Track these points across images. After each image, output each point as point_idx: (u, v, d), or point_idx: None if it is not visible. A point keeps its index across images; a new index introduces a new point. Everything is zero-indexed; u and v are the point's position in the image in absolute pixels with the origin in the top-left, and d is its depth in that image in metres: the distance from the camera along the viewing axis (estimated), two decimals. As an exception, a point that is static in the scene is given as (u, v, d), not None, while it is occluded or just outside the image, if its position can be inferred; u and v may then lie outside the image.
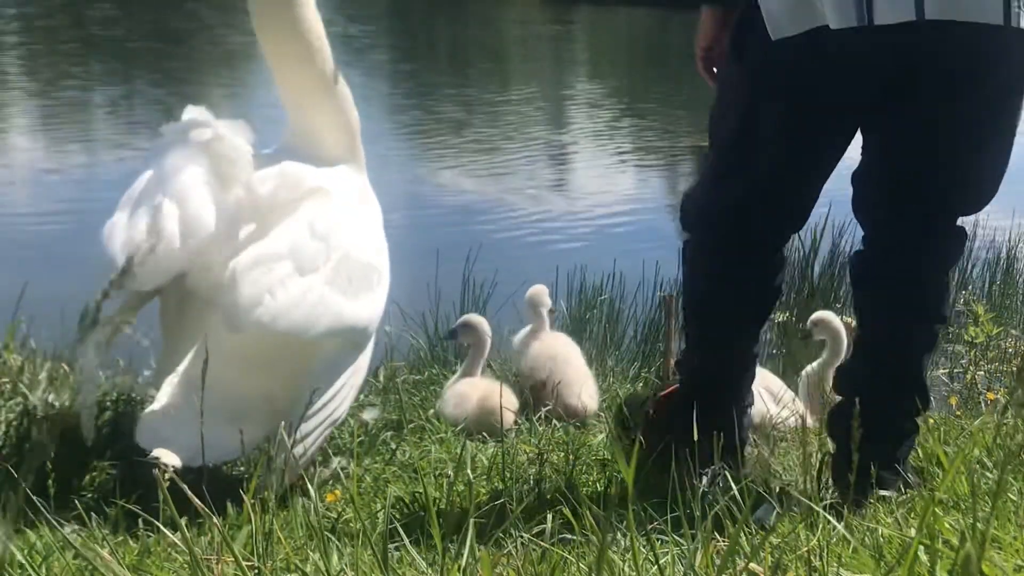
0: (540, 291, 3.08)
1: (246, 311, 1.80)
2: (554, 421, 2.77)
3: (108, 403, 2.11)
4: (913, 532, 1.37)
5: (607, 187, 8.30)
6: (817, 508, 1.42)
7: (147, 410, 1.92)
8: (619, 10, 25.55)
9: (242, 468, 2.13)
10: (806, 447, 2.07)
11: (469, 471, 2.14)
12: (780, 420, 2.71)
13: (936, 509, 1.21)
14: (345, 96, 2.21)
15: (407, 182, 7.68)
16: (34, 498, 1.54)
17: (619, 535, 1.50)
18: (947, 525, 1.41)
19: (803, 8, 1.98)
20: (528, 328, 3.06)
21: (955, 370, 3.82)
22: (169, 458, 1.76)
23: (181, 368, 1.96)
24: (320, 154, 2.14)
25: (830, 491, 2.05)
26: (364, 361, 2.10)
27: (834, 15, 1.94)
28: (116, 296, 1.85)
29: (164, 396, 1.93)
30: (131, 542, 1.59)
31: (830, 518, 1.42)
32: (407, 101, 11.76)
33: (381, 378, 3.02)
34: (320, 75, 2.14)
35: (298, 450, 1.85)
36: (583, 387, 2.90)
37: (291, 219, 1.93)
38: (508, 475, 2.10)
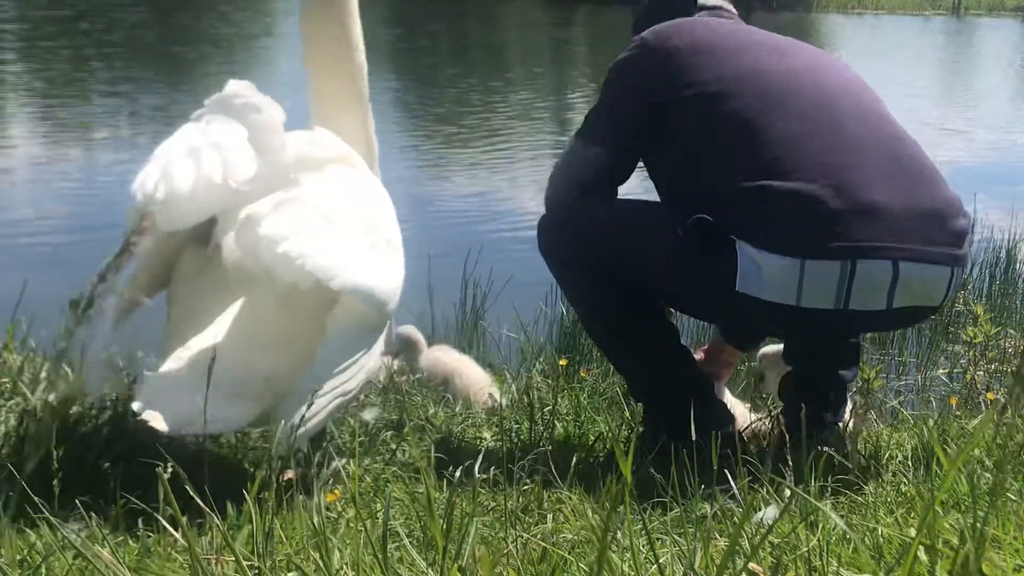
0: (413, 332, 3.29)
1: (272, 244, 1.75)
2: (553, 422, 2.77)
3: (108, 402, 2.11)
4: (913, 532, 1.37)
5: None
6: (811, 500, 1.42)
7: (149, 376, 1.89)
8: (619, 10, 25.55)
9: (244, 467, 2.13)
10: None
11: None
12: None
13: (936, 509, 1.21)
14: (370, 114, 2.24)
15: (406, 182, 7.67)
16: (35, 498, 1.55)
17: (619, 534, 1.51)
18: (947, 525, 1.41)
19: (775, 282, 2.12)
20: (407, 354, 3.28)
21: (955, 370, 3.82)
22: (157, 422, 1.74)
23: (192, 340, 1.93)
24: None
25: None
26: (379, 346, 2.04)
27: (811, 297, 2.12)
28: (127, 267, 1.86)
29: (168, 365, 1.90)
30: (131, 542, 1.59)
31: (831, 513, 1.42)
32: (406, 101, 11.76)
33: (381, 378, 3.02)
34: (356, 88, 2.18)
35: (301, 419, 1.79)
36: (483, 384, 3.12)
37: (317, 176, 1.93)
38: (508, 474, 2.10)
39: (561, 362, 3.30)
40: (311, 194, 1.88)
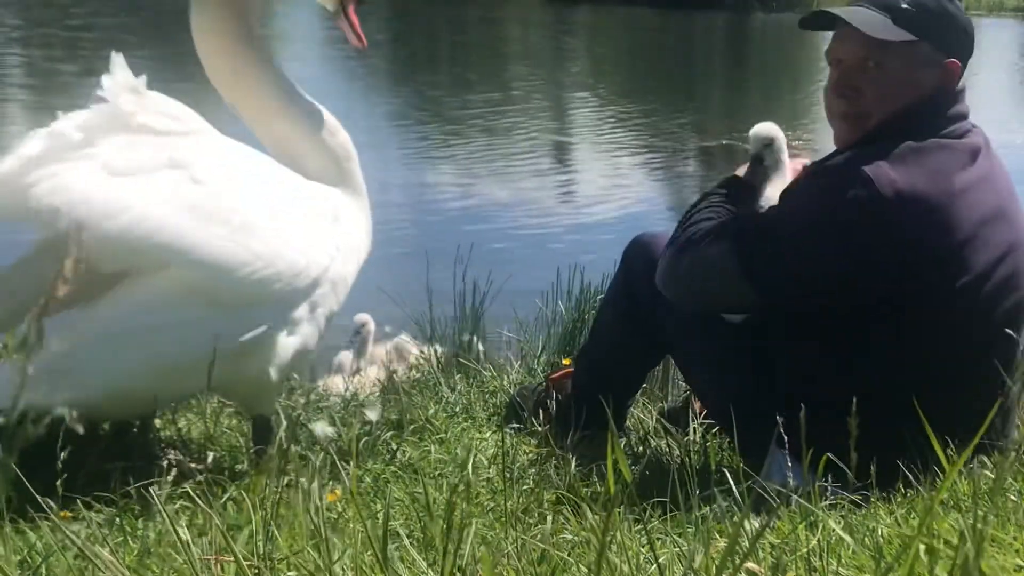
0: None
1: (38, 193, 1.74)
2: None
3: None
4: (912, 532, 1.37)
5: (607, 187, 8.31)
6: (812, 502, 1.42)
7: None
8: (619, 10, 25.53)
9: (244, 467, 2.13)
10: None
11: (470, 470, 2.14)
12: None
13: (936, 509, 1.21)
14: (320, 122, 2.20)
15: (407, 183, 7.68)
16: (35, 498, 1.55)
17: (619, 534, 1.51)
18: (947, 525, 1.41)
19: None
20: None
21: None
22: None
23: None
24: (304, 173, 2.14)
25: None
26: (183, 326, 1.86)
27: None
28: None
29: None
30: (131, 542, 1.59)
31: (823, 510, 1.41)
32: (408, 102, 11.77)
33: (382, 377, 3.02)
34: (265, 99, 2.16)
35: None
36: None
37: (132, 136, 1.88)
38: (508, 475, 2.10)
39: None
40: (100, 148, 1.84)
